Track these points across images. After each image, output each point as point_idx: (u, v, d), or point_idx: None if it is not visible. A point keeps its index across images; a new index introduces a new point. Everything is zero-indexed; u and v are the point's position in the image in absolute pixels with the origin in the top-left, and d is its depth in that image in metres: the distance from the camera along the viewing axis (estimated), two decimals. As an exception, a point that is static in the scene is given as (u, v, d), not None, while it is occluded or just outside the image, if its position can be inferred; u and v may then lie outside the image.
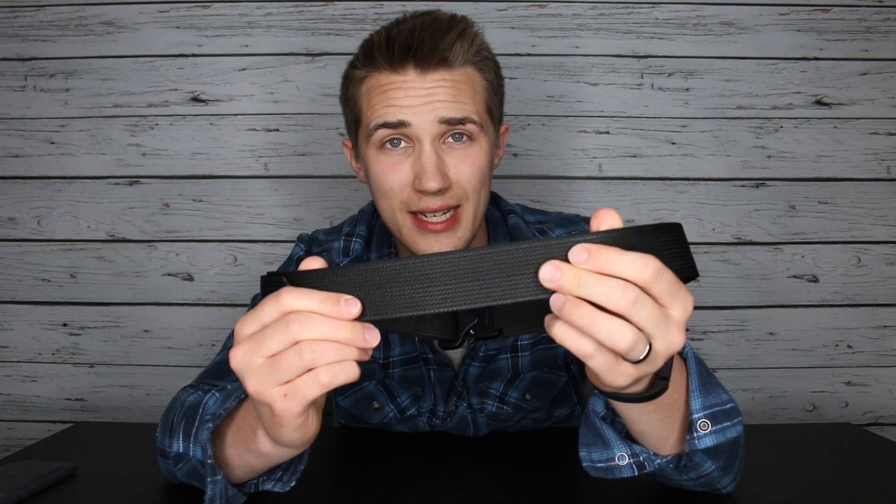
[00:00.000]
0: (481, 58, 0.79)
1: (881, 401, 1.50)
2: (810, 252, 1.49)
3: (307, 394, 0.43)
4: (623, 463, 0.58)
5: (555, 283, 0.39)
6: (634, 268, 0.39)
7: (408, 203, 0.78)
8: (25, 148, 1.49)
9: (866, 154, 1.48)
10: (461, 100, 0.76)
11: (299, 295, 0.42)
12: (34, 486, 0.68)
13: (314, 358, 0.42)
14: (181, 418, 0.68)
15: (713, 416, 0.57)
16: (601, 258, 0.39)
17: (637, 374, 0.43)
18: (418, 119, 0.75)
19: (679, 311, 0.41)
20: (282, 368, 0.42)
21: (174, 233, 1.49)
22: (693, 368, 0.57)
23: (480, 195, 0.80)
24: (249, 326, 0.44)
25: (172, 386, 1.51)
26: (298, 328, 0.41)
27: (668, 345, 0.42)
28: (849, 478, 0.72)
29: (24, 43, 1.48)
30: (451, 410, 0.90)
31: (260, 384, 0.43)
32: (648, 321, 0.40)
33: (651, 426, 0.57)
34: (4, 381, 1.51)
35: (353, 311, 0.41)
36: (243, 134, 1.48)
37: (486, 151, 0.79)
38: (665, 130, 1.48)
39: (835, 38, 1.47)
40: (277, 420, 0.46)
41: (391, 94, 0.76)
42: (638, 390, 0.50)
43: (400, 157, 0.78)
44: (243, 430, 0.57)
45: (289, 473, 0.61)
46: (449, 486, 0.71)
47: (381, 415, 0.91)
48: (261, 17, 1.47)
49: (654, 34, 1.48)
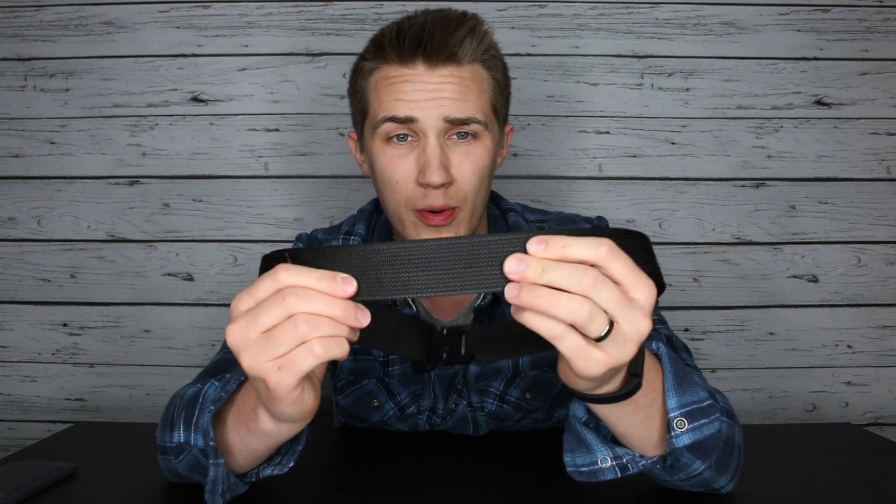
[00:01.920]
0: (489, 56, 0.80)
1: (881, 401, 1.50)
2: (810, 252, 1.49)
3: (301, 365, 0.44)
4: (606, 465, 0.58)
5: (520, 274, 0.41)
6: (589, 247, 0.42)
7: (413, 201, 0.79)
8: (25, 148, 1.49)
9: (866, 154, 1.48)
10: (467, 98, 0.77)
11: (296, 272, 0.43)
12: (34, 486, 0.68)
13: (309, 330, 0.43)
14: (181, 410, 0.68)
15: (689, 413, 0.57)
16: (557, 245, 0.42)
17: (609, 362, 0.44)
18: (424, 114, 0.76)
19: (642, 296, 0.43)
20: (276, 341, 0.43)
21: (174, 233, 1.49)
22: (668, 368, 0.58)
23: (478, 196, 0.80)
24: (245, 303, 0.45)
25: (172, 386, 1.50)
26: (294, 301, 0.43)
27: (636, 327, 0.43)
28: (849, 478, 0.72)
29: (24, 43, 1.48)
30: (450, 409, 0.90)
31: (255, 359, 0.44)
32: (610, 301, 0.42)
33: (632, 428, 0.57)
34: (4, 381, 1.51)
35: (349, 289, 0.42)
36: (243, 134, 1.48)
37: (489, 150, 0.80)
38: (665, 130, 1.48)
39: (835, 38, 1.47)
40: (273, 394, 0.46)
41: (399, 87, 0.76)
42: (612, 389, 0.51)
43: (405, 150, 0.78)
44: (244, 411, 0.57)
45: (287, 456, 0.62)
46: (449, 486, 0.71)
47: (380, 413, 0.91)
48: (261, 17, 1.47)
49: (654, 34, 1.48)
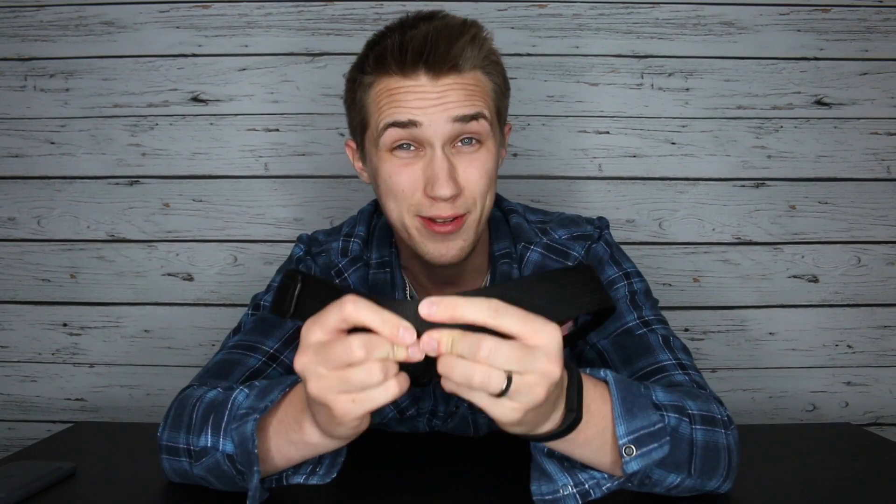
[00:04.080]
0: (489, 62, 0.80)
1: (881, 401, 1.50)
2: (810, 252, 1.49)
3: (378, 401, 0.48)
4: (567, 493, 0.60)
5: (436, 349, 0.46)
6: (476, 309, 0.46)
7: (419, 208, 0.78)
8: (25, 148, 1.49)
9: (866, 154, 1.48)
10: (473, 100, 0.77)
11: (364, 309, 0.47)
12: (34, 486, 0.68)
13: (383, 377, 0.47)
14: (204, 414, 0.68)
15: (637, 440, 0.58)
16: (447, 309, 0.46)
17: (521, 408, 0.47)
18: (430, 119, 0.75)
19: (543, 341, 0.46)
20: (351, 381, 0.47)
21: (174, 233, 1.49)
22: (615, 395, 0.59)
23: (486, 200, 0.80)
24: (315, 334, 0.48)
25: (172, 386, 1.50)
26: (362, 353, 0.46)
27: (540, 373, 0.47)
28: (849, 478, 0.72)
29: (24, 43, 1.48)
30: (452, 411, 0.90)
31: (325, 389, 0.48)
32: (508, 362, 0.46)
33: (590, 456, 0.59)
34: (4, 381, 1.51)
35: (408, 340, 0.46)
36: (243, 134, 1.48)
37: (493, 154, 0.80)
38: (665, 130, 1.48)
39: (835, 38, 1.47)
40: (337, 420, 0.50)
41: (401, 97, 0.76)
42: (552, 427, 0.54)
43: (411, 159, 0.77)
44: (285, 422, 0.60)
45: (330, 467, 0.65)
46: (449, 487, 0.71)
47: (380, 414, 0.91)
48: (261, 17, 1.47)
49: (654, 34, 1.48)
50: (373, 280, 0.89)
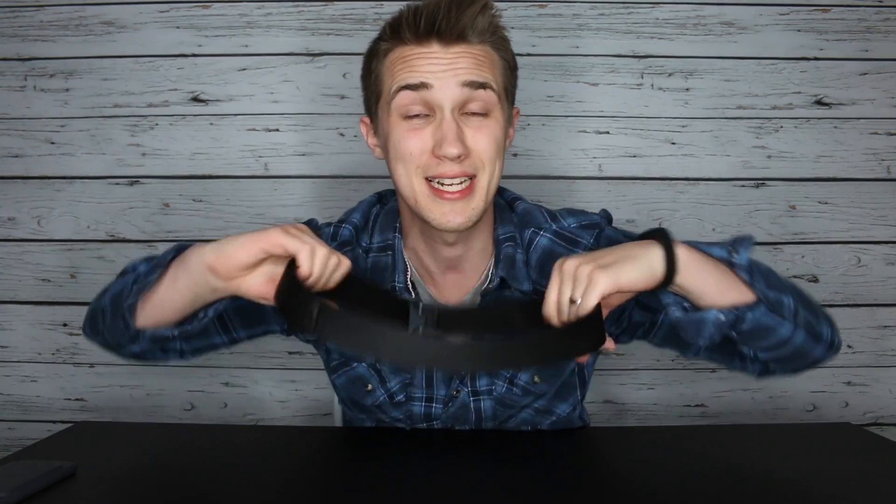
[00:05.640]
0: (498, 38, 0.82)
1: (881, 401, 1.50)
2: (810, 252, 1.49)
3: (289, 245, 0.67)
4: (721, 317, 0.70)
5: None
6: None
7: (425, 168, 0.79)
8: (25, 148, 1.49)
9: (866, 154, 1.48)
10: (482, 70, 0.79)
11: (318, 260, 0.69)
12: (34, 485, 0.68)
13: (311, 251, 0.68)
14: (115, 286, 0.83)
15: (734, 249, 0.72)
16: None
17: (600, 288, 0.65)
18: (440, 83, 0.77)
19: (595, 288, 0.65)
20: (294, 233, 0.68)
21: (174, 233, 1.49)
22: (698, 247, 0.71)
23: (495, 166, 0.81)
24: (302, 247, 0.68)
25: (172, 386, 1.51)
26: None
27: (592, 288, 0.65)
28: (849, 478, 0.72)
29: (24, 43, 1.48)
30: (452, 395, 0.90)
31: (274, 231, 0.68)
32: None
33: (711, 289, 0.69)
34: (4, 381, 1.51)
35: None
36: (243, 134, 1.48)
37: (501, 125, 0.82)
38: (665, 130, 1.48)
39: (835, 38, 1.47)
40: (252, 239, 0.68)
41: (414, 62, 0.78)
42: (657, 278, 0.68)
43: (421, 124, 0.79)
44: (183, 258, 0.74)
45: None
46: (449, 487, 0.71)
47: (373, 397, 0.92)
48: (261, 17, 1.47)
49: (654, 34, 1.48)
50: (373, 263, 0.90)
